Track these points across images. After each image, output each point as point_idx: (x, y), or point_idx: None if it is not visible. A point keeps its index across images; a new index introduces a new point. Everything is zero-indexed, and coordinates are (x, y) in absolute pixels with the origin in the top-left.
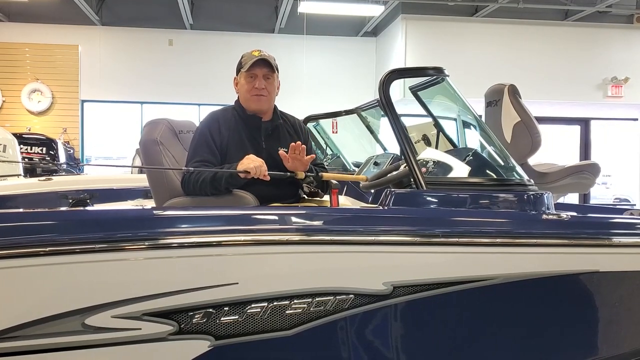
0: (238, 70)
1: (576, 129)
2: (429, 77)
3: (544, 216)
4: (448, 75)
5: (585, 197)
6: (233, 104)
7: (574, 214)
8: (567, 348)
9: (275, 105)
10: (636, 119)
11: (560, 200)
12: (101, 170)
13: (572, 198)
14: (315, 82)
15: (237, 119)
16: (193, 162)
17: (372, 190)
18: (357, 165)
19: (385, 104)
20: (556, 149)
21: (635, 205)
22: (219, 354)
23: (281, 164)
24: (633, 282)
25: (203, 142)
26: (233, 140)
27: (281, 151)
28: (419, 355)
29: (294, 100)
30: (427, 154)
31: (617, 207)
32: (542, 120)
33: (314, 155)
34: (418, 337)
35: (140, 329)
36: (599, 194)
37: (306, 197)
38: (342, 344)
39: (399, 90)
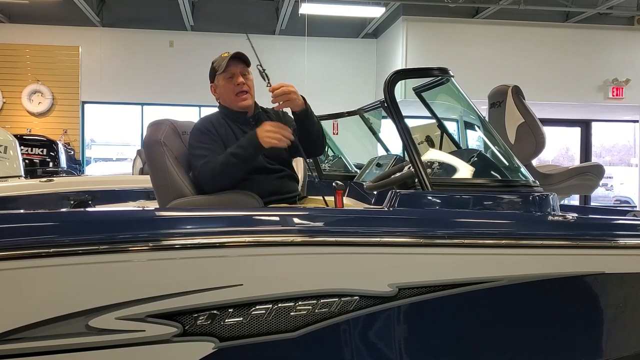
0: (213, 76)
1: (577, 131)
2: (433, 77)
3: (550, 217)
4: (453, 76)
5: (585, 199)
6: (217, 110)
7: (576, 215)
8: (572, 350)
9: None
10: (637, 121)
11: (563, 202)
12: (102, 171)
13: (573, 199)
14: (315, 84)
15: (227, 120)
16: (201, 149)
17: (375, 192)
18: (358, 166)
19: (390, 105)
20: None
21: (636, 207)
22: (224, 355)
23: (277, 152)
24: (639, 283)
25: (202, 135)
26: (227, 140)
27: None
28: (425, 357)
29: None
30: (432, 155)
31: (619, 208)
32: (543, 122)
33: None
34: (424, 339)
35: (144, 330)
36: (600, 194)
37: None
38: (347, 346)
39: (399, 91)
